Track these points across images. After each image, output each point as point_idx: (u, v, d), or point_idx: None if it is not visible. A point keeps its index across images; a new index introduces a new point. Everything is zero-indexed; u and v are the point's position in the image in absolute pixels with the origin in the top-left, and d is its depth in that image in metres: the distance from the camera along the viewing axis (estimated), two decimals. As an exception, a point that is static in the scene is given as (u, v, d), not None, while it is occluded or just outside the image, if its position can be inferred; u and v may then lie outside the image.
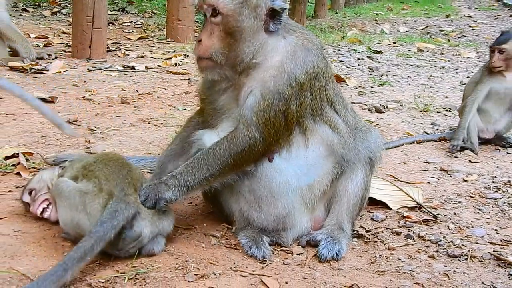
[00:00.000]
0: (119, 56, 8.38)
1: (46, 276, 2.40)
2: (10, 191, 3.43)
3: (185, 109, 5.69)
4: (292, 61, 2.95)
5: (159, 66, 7.86)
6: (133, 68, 7.52)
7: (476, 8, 23.83)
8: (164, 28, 11.08)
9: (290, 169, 3.02)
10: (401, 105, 6.59)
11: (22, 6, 12.56)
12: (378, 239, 3.26)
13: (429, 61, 9.79)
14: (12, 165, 3.77)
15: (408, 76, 8.28)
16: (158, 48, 9.42)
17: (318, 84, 3.03)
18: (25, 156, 3.90)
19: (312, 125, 3.05)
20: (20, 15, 11.52)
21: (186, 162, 2.94)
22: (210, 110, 3.14)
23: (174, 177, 2.87)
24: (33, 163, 3.87)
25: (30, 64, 6.93)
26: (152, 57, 8.49)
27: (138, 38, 10.19)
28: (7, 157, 3.83)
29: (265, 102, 2.89)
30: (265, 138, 2.92)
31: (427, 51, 10.84)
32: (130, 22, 12.39)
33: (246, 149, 2.90)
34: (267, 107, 2.89)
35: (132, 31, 11.00)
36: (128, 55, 8.48)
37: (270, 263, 2.91)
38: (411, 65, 9.25)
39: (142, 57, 8.45)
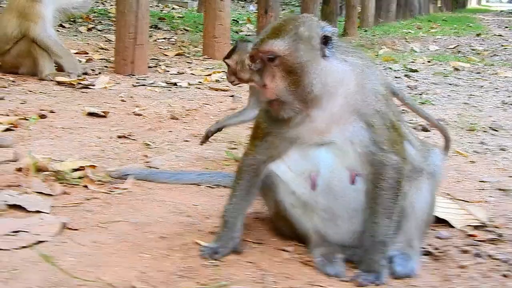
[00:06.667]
0: (159, 72, 8.50)
1: None
2: (81, 203, 3.49)
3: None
4: (367, 79, 3.01)
5: (200, 82, 7.95)
6: (175, 84, 7.62)
7: (507, 27, 23.70)
8: (198, 45, 11.21)
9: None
10: (446, 124, 6.56)
11: (58, 22, 12.78)
12: (448, 257, 3.24)
13: (467, 80, 9.73)
14: (78, 178, 3.84)
15: (448, 95, 8.25)
16: (196, 64, 9.54)
17: (387, 92, 3.13)
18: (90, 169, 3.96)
19: None
20: (58, 30, 11.67)
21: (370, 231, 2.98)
22: (277, 141, 3.08)
23: (381, 235, 2.96)
24: (98, 176, 3.93)
25: (77, 79, 7.06)
26: (192, 73, 8.59)
27: (175, 55, 10.33)
28: (73, 170, 3.90)
29: (377, 126, 2.94)
30: (400, 155, 2.98)
31: (463, 70, 10.80)
32: (164, 38, 12.56)
33: (397, 177, 2.97)
34: (379, 130, 2.94)
35: (168, 48, 11.15)
36: (168, 71, 8.60)
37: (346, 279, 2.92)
38: (450, 84, 9.20)
39: (182, 73, 8.55)
